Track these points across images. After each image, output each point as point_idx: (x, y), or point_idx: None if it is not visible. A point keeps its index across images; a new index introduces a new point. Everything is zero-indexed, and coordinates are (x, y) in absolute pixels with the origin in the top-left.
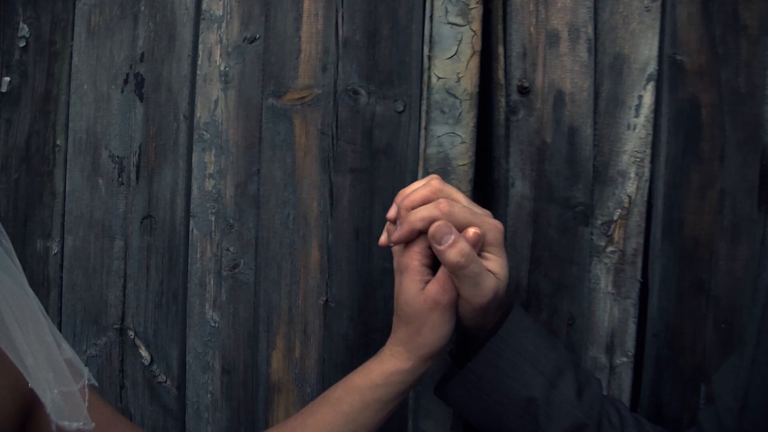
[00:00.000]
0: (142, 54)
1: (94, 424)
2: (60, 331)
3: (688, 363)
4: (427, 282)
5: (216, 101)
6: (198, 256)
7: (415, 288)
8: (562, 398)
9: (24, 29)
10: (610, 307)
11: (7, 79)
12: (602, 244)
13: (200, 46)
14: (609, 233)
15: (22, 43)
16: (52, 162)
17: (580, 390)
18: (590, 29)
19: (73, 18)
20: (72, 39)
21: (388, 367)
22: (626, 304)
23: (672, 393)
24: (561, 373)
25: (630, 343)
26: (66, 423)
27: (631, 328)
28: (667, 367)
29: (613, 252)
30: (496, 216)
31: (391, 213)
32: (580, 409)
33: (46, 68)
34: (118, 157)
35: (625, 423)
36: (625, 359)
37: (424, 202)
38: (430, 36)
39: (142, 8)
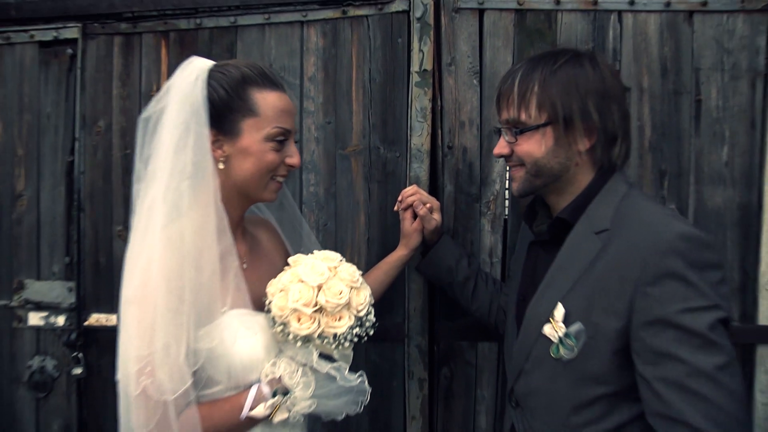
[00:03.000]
0: None
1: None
2: None
3: None
4: (412, 222)
5: (313, 151)
6: (306, 221)
7: (409, 224)
8: (461, 266)
9: None
10: (489, 237)
11: None
12: (486, 210)
13: (303, 125)
14: (488, 206)
15: None
16: None
17: (469, 264)
18: (478, 119)
19: None
20: None
21: (399, 253)
22: (497, 236)
23: None
24: (462, 257)
25: (499, 253)
26: None
27: (500, 246)
28: None
29: (491, 214)
30: (438, 199)
31: (400, 198)
32: (468, 270)
33: None
34: None
35: (489, 278)
36: (497, 260)
37: (412, 194)
38: (411, 126)
39: None
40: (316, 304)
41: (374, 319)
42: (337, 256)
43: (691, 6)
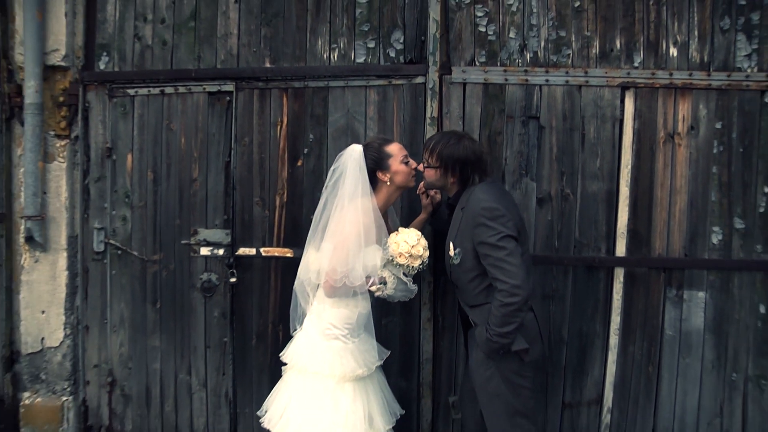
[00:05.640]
0: None
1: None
2: None
3: None
4: (427, 199)
5: None
6: None
7: (425, 200)
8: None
9: (310, 136)
10: None
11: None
12: None
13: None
14: None
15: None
16: None
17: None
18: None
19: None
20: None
21: (421, 217)
22: None
23: None
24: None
25: None
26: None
27: None
28: None
29: None
30: None
31: (420, 186)
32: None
33: None
34: None
35: None
36: None
37: None
38: (425, 135)
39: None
40: (408, 252)
41: (428, 262)
42: (419, 233)
43: (580, 83)
